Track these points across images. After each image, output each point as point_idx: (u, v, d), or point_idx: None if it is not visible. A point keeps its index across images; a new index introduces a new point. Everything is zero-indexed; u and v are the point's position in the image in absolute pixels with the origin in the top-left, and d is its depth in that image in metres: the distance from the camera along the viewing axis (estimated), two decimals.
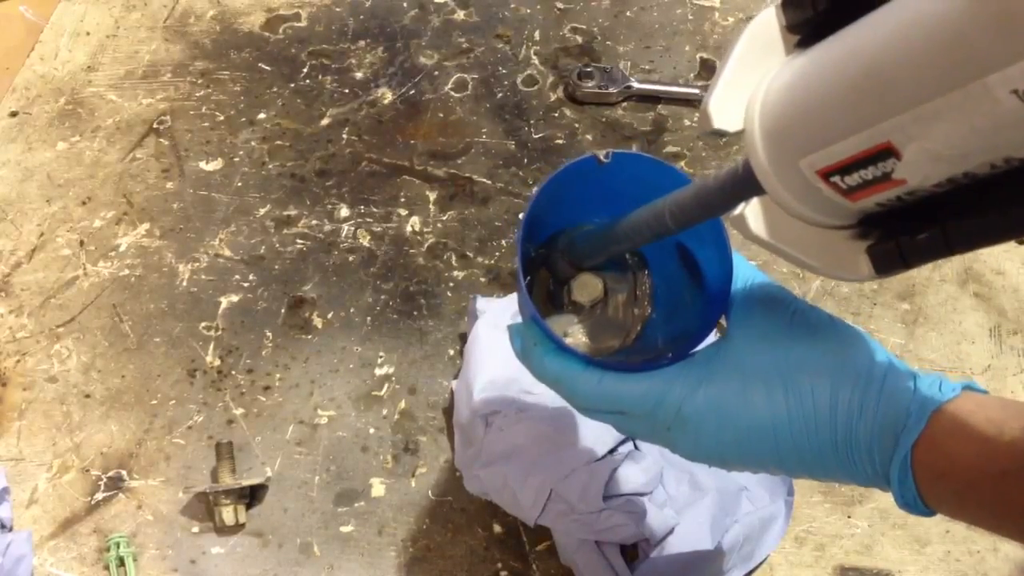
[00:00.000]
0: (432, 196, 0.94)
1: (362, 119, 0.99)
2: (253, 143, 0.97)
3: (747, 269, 0.53)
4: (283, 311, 0.86)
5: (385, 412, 0.81)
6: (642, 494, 0.70)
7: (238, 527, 0.74)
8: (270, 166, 0.96)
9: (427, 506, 0.76)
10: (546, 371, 0.52)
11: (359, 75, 1.03)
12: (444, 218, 0.92)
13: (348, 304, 0.87)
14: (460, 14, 1.08)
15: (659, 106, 1.02)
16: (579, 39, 1.07)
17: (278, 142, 0.97)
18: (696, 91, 1.01)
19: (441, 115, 1.00)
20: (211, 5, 1.08)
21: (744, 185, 0.41)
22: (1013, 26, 0.28)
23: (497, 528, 0.75)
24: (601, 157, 0.52)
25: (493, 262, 0.90)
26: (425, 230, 0.91)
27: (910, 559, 0.75)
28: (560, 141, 0.98)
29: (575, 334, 0.57)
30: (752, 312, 0.51)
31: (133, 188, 0.93)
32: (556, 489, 0.69)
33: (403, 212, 0.93)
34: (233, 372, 0.82)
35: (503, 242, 0.91)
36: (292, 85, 1.02)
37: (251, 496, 0.76)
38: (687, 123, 1.00)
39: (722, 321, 0.53)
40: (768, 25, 0.39)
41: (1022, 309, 0.88)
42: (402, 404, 0.81)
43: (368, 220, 0.92)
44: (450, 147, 0.98)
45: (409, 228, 0.91)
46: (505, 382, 0.74)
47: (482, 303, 0.81)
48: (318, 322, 0.86)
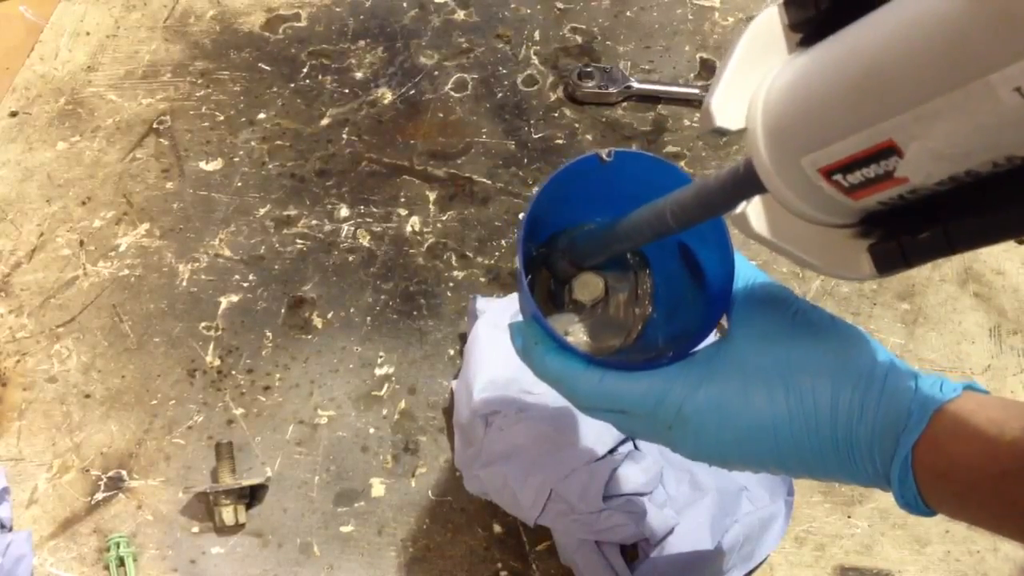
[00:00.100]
0: (432, 196, 0.94)
1: (362, 119, 0.99)
2: (253, 143, 0.97)
3: (748, 269, 0.53)
4: (283, 311, 0.86)
5: (385, 412, 0.81)
6: (642, 494, 0.70)
7: (238, 527, 0.74)
8: (270, 166, 0.96)
9: (427, 506, 0.76)
10: (547, 370, 0.52)
11: (359, 75, 1.03)
12: (444, 218, 0.92)
13: (348, 304, 0.87)
14: (460, 14, 1.09)
15: (659, 106, 1.02)
16: (579, 39, 1.07)
17: (278, 142, 0.97)
18: (696, 91, 1.01)
19: (441, 115, 1.00)
20: (211, 5, 1.08)
21: (746, 184, 0.41)
22: (1014, 25, 0.28)
23: (497, 528, 0.75)
24: (603, 156, 0.52)
25: (493, 262, 0.90)
26: (425, 230, 0.91)
27: (910, 559, 0.75)
28: (560, 141, 0.98)
29: (576, 333, 0.57)
30: (753, 312, 0.51)
31: (133, 188, 0.93)
32: (556, 489, 0.69)
33: (403, 212, 0.92)
34: (233, 372, 0.82)
35: (503, 242, 0.91)
36: (292, 85, 1.02)
37: (251, 496, 0.76)
38: (687, 123, 1.00)
39: (722, 321, 0.53)
40: (770, 24, 0.39)
41: (1022, 309, 0.88)
42: (402, 404, 0.81)
43: (368, 220, 0.92)
44: (450, 147, 0.97)
45: (409, 228, 0.91)
46: (505, 382, 0.74)
47: (482, 303, 0.81)
48: (318, 322, 0.85)
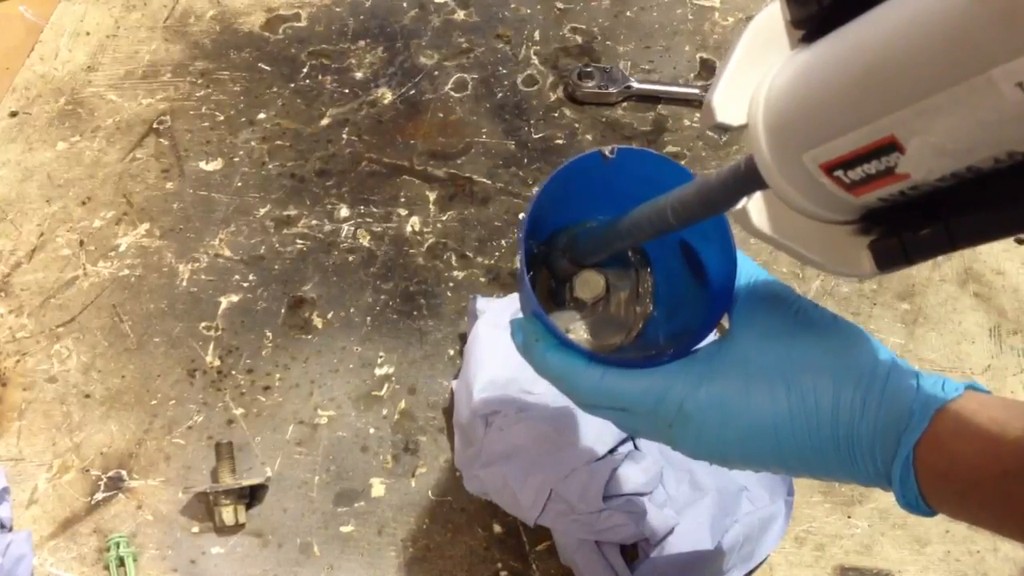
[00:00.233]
0: (432, 196, 0.94)
1: (362, 119, 0.99)
2: (253, 143, 0.97)
3: (750, 267, 0.53)
4: (283, 311, 0.86)
5: (385, 412, 0.81)
6: (642, 494, 0.70)
7: (238, 527, 0.74)
8: (270, 166, 0.95)
9: (427, 506, 0.76)
10: (548, 366, 0.52)
11: (359, 75, 1.03)
12: (444, 218, 0.92)
13: (348, 304, 0.87)
14: (460, 14, 1.09)
15: (659, 106, 1.02)
16: (579, 39, 1.07)
17: (278, 142, 0.97)
18: (696, 91, 1.01)
19: (441, 115, 1.00)
20: (211, 5, 1.08)
21: (747, 180, 0.41)
22: (1016, 20, 0.28)
23: (497, 528, 0.75)
24: (606, 153, 0.52)
25: (493, 262, 0.89)
26: (425, 230, 0.91)
27: (910, 559, 0.75)
28: (560, 141, 0.98)
29: (577, 331, 0.57)
30: (755, 310, 0.51)
31: (133, 188, 0.93)
32: (556, 489, 0.69)
33: (403, 212, 0.92)
34: (233, 372, 0.82)
35: (503, 242, 0.91)
36: (292, 85, 1.02)
37: (251, 496, 0.75)
38: (687, 123, 1.00)
39: (723, 321, 0.52)
40: (772, 20, 0.39)
41: (1022, 309, 0.88)
42: (402, 404, 0.81)
43: (368, 220, 0.92)
44: (450, 147, 0.97)
45: (409, 228, 0.91)
46: (505, 382, 0.74)
47: (482, 303, 0.81)
48: (318, 322, 0.85)
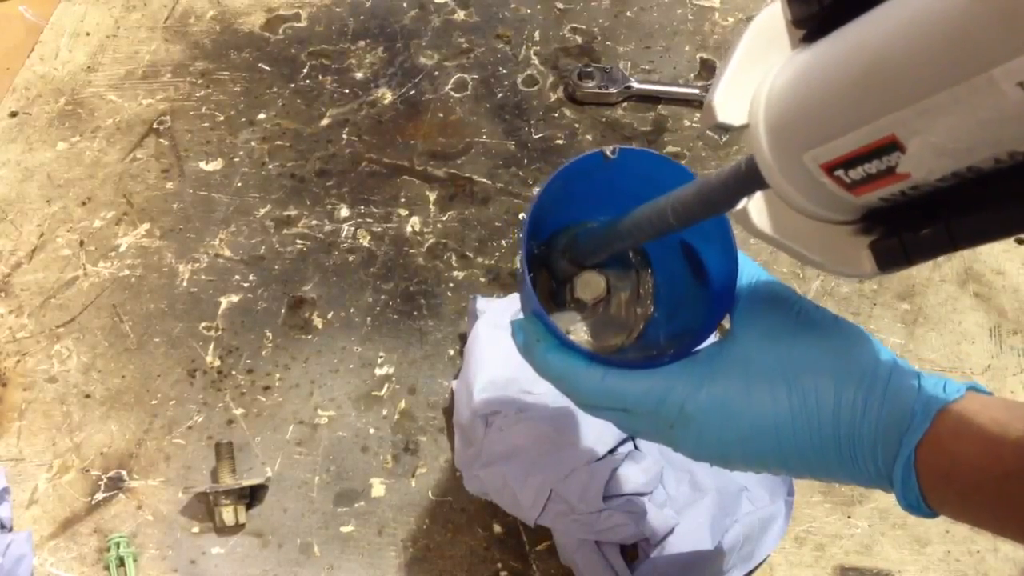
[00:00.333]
0: (432, 196, 0.94)
1: (362, 119, 0.99)
2: (253, 143, 0.97)
3: (751, 267, 0.53)
4: (283, 311, 0.86)
5: (385, 412, 0.81)
6: (642, 494, 0.70)
7: (238, 527, 0.74)
8: (270, 166, 0.95)
9: (427, 506, 0.76)
10: (549, 367, 0.51)
11: (359, 75, 1.03)
12: (444, 218, 0.92)
13: (348, 304, 0.87)
14: (460, 14, 1.09)
15: (659, 106, 1.02)
16: (579, 39, 1.07)
17: (278, 142, 0.97)
18: (696, 91, 1.01)
19: (441, 115, 1.00)
20: (211, 5, 1.08)
21: (747, 180, 0.41)
22: (1017, 19, 0.28)
23: (497, 528, 0.75)
24: (607, 153, 0.52)
25: (493, 262, 0.89)
26: (425, 230, 0.91)
27: (910, 559, 0.75)
28: (560, 141, 0.98)
29: (577, 332, 0.57)
30: (756, 310, 0.51)
31: (133, 188, 0.93)
32: (556, 489, 0.69)
33: (403, 212, 0.92)
34: (233, 372, 0.82)
35: (503, 242, 0.91)
36: (292, 85, 1.02)
37: (251, 496, 0.75)
38: (687, 123, 1.00)
39: (723, 322, 0.52)
40: (773, 20, 0.39)
41: (1022, 309, 0.88)
42: (402, 404, 0.81)
43: (368, 220, 0.92)
44: (450, 147, 0.97)
45: (409, 228, 0.91)
46: (505, 382, 0.74)
47: (482, 303, 0.81)
48: (318, 322, 0.85)
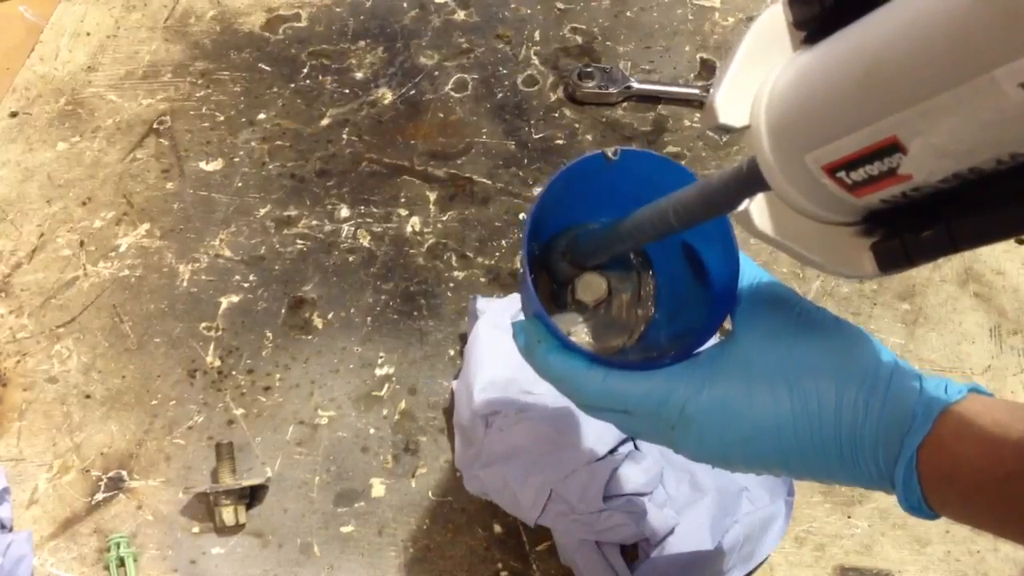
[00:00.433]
0: (432, 196, 0.94)
1: (362, 119, 0.99)
2: (253, 143, 0.97)
3: (752, 268, 0.53)
4: (283, 311, 0.86)
5: (385, 412, 0.81)
6: (642, 494, 0.70)
7: (238, 527, 0.74)
8: (270, 166, 0.95)
9: (427, 506, 0.76)
10: (550, 368, 0.51)
11: (359, 75, 1.03)
12: (444, 218, 0.92)
13: (348, 304, 0.87)
14: (460, 14, 1.08)
15: (659, 106, 1.02)
16: (579, 39, 1.07)
17: (278, 142, 0.97)
18: (696, 91, 1.01)
19: (441, 115, 1.00)
20: (211, 5, 1.08)
21: (749, 182, 0.41)
22: (1019, 20, 0.28)
23: (497, 528, 0.75)
24: (609, 154, 0.52)
25: (493, 262, 0.89)
26: (425, 230, 0.91)
27: (910, 559, 0.75)
28: (560, 141, 0.98)
29: (579, 333, 0.57)
30: (758, 312, 0.50)
31: (133, 188, 0.93)
32: (556, 489, 0.69)
33: (403, 212, 0.92)
34: (233, 372, 0.82)
35: (503, 242, 0.91)
36: (292, 85, 1.02)
37: (251, 496, 0.75)
38: (687, 123, 1.00)
39: (725, 324, 0.52)
40: (774, 22, 0.39)
41: (1022, 309, 0.88)
42: (402, 404, 0.81)
43: (368, 220, 0.92)
44: (450, 147, 0.97)
45: (409, 228, 0.91)
46: (505, 382, 0.74)
47: (482, 303, 0.81)
48: (318, 322, 0.85)
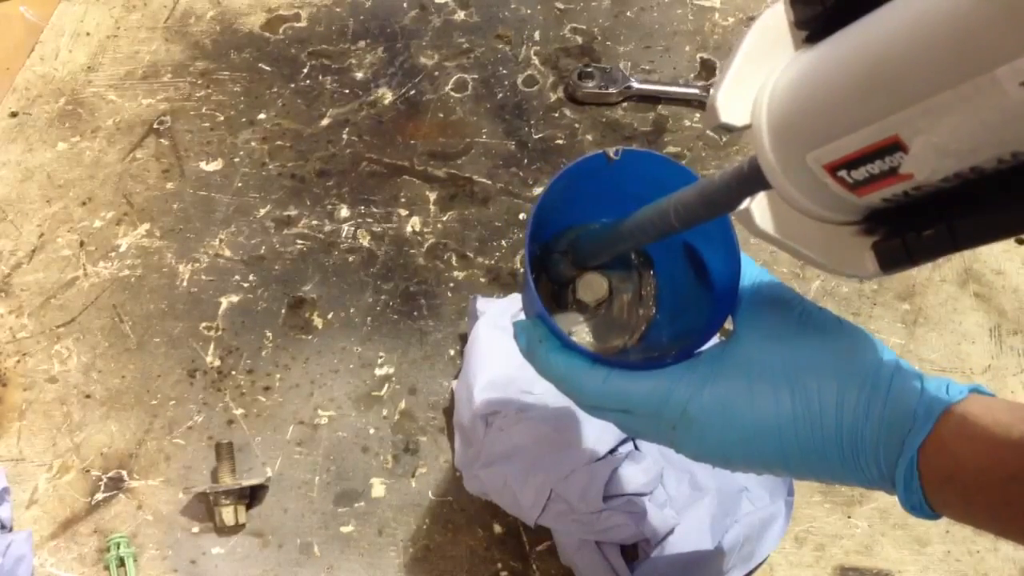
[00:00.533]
0: (432, 196, 0.94)
1: (362, 119, 0.99)
2: (253, 143, 0.97)
3: (753, 268, 0.53)
4: (283, 311, 0.86)
5: (385, 412, 0.81)
6: (642, 494, 0.70)
7: (238, 527, 0.74)
8: (270, 166, 0.95)
9: (427, 506, 0.76)
10: (551, 368, 0.51)
11: (359, 75, 1.03)
12: (444, 218, 0.92)
13: (348, 304, 0.87)
14: (460, 14, 1.08)
15: (659, 106, 1.02)
16: (579, 39, 1.07)
17: (278, 142, 0.97)
18: (696, 91, 1.01)
19: (441, 115, 1.00)
20: (211, 5, 1.08)
21: (750, 181, 0.41)
22: (1020, 19, 0.28)
23: (497, 528, 0.75)
24: (611, 154, 0.52)
25: (493, 262, 0.89)
26: (425, 230, 0.91)
27: (910, 559, 0.75)
28: (560, 141, 0.98)
29: (580, 333, 0.57)
30: (759, 312, 0.50)
31: (133, 188, 0.93)
32: (556, 489, 0.69)
33: (403, 212, 0.92)
34: (233, 372, 0.82)
35: (503, 242, 0.91)
36: (292, 85, 1.02)
37: (251, 496, 0.75)
38: (687, 123, 1.00)
39: (726, 324, 0.52)
40: (776, 21, 0.39)
41: (1022, 309, 0.88)
42: (402, 404, 0.81)
43: (368, 220, 0.92)
44: (450, 147, 0.97)
45: (409, 228, 0.91)
46: (505, 382, 0.74)
47: (482, 303, 0.81)
48: (318, 322, 0.85)
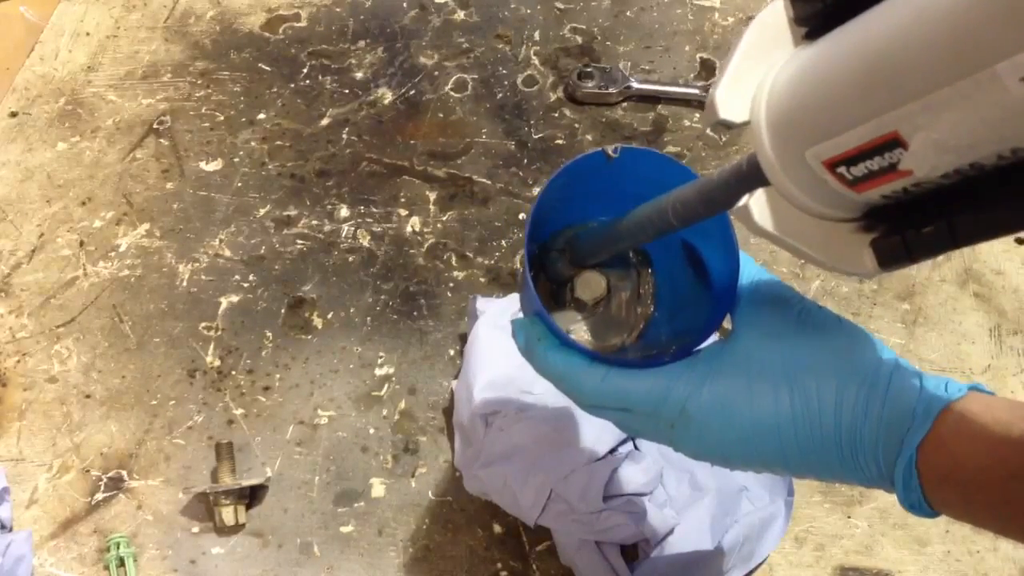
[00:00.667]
0: (432, 196, 0.94)
1: (362, 119, 0.99)
2: (253, 143, 0.97)
3: (752, 267, 0.53)
4: (283, 311, 0.86)
5: (385, 412, 0.81)
6: (642, 494, 0.70)
7: (238, 527, 0.74)
8: (270, 166, 0.95)
9: (427, 506, 0.76)
10: (550, 367, 0.51)
11: (359, 75, 1.03)
12: (444, 218, 0.92)
13: (348, 304, 0.86)
14: (460, 14, 1.08)
15: (659, 106, 1.02)
16: (579, 39, 1.07)
17: (278, 142, 0.97)
18: (696, 91, 1.01)
19: (441, 115, 1.00)
20: (211, 5, 1.08)
21: (749, 178, 0.41)
22: (1021, 14, 0.28)
23: (497, 528, 0.75)
24: (609, 152, 0.52)
25: (493, 262, 0.89)
26: (425, 230, 0.91)
27: (910, 559, 0.75)
28: (560, 141, 0.98)
29: (578, 332, 0.57)
30: (758, 310, 0.50)
31: (133, 188, 0.93)
32: (556, 489, 0.69)
33: (403, 212, 0.92)
34: (233, 372, 0.82)
35: (503, 242, 0.91)
36: (292, 85, 1.02)
37: (251, 496, 0.75)
38: (687, 123, 1.00)
39: (725, 322, 0.52)
40: (775, 18, 0.39)
41: (1022, 309, 0.88)
42: (402, 404, 0.81)
43: (368, 220, 0.92)
44: (450, 147, 0.97)
45: (409, 228, 0.91)
46: (505, 382, 0.74)
47: (482, 303, 0.81)
48: (318, 322, 0.85)
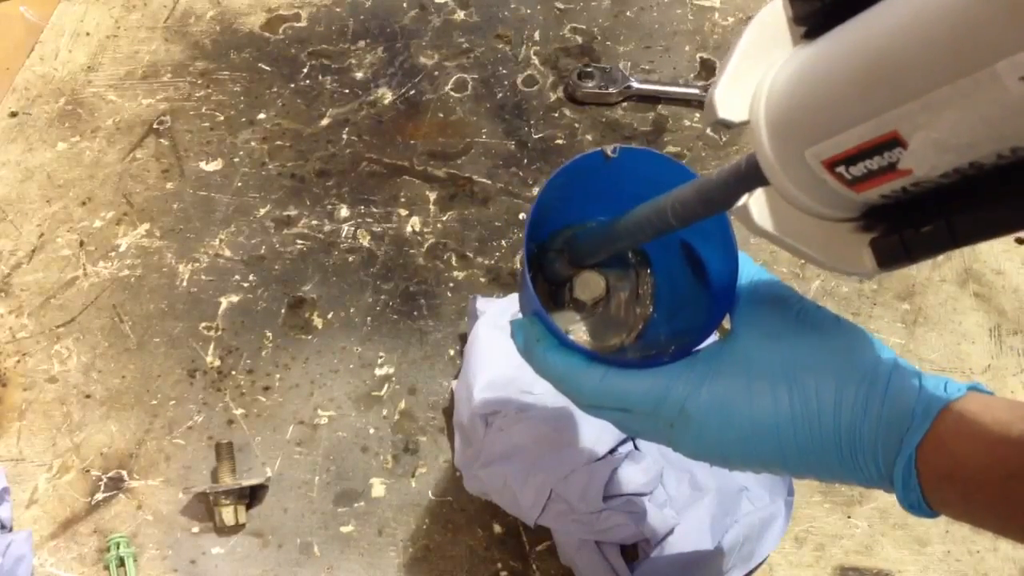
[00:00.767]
0: (432, 196, 0.94)
1: (362, 119, 0.99)
2: (253, 143, 0.97)
3: (751, 267, 0.53)
4: (283, 311, 0.86)
5: (385, 412, 0.81)
6: (642, 494, 0.70)
7: (238, 527, 0.74)
8: (270, 166, 0.95)
9: (427, 506, 0.76)
10: (549, 367, 0.51)
11: (359, 75, 1.03)
12: (444, 218, 0.92)
13: (348, 304, 0.86)
14: (460, 14, 1.08)
15: (659, 106, 1.02)
16: (579, 39, 1.07)
17: (278, 142, 0.97)
18: (696, 91, 1.01)
19: (441, 115, 1.00)
20: (211, 5, 1.08)
21: (747, 178, 0.41)
22: (1020, 13, 0.28)
23: (497, 528, 0.75)
24: (608, 152, 0.52)
25: (493, 262, 0.89)
26: (425, 230, 0.91)
27: (910, 559, 0.75)
28: (560, 141, 0.98)
29: (577, 332, 0.57)
30: (757, 310, 0.50)
31: (133, 188, 0.93)
32: (556, 489, 0.69)
33: (403, 212, 0.92)
34: (233, 372, 0.82)
35: (503, 242, 0.91)
36: (292, 85, 1.02)
37: (251, 496, 0.75)
38: (687, 123, 1.00)
39: (724, 322, 0.52)
40: (775, 17, 0.39)
41: (1022, 309, 0.88)
42: (402, 404, 0.81)
43: (368, 220, 0.92)
44: (450, 147, 0.97)
45: (409, 228, 0.91)
46: (505, 382, 0.74)
47: (482, 303, 0.81)
48: (318, 322, 0.85)
